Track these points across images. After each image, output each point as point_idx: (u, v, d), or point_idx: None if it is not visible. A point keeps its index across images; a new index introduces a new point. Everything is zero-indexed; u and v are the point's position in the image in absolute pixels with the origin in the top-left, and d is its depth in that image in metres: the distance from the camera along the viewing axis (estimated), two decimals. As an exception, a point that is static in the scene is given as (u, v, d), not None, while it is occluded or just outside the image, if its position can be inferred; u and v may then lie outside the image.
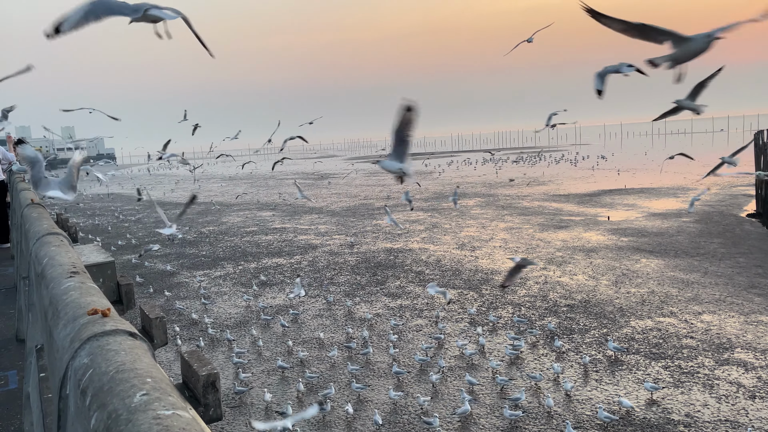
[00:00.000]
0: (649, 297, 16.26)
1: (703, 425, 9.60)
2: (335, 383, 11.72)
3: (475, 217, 31.44)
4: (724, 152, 38.31)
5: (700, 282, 17.41)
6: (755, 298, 15.75)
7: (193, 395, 3.44)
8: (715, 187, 38.33)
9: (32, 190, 9.22)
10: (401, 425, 10.14)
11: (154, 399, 1.30)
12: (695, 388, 10.87)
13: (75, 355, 1.69)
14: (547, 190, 41.65)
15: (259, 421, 5.09)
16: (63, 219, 11.48)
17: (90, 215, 41.63)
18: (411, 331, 14.65)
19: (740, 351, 12.39)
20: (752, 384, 10.91)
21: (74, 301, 2.21)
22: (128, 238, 29.83)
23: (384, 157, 3.77)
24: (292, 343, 14.00)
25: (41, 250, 3.77)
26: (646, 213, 29.86)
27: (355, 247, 24.90)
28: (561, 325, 14.34)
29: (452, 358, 12.86)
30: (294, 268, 21.85)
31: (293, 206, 40.60)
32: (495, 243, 24.36)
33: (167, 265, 23.40)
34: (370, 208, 36.96)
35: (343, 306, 16.75)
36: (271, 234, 29.71)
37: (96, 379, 1.48)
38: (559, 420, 9.95)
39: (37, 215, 6.09)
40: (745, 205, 31.01)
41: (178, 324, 15.86)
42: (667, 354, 12.45)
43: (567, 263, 20.41)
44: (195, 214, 39.07)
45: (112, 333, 1.75)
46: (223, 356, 13.59)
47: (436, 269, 20.48)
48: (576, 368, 11.98)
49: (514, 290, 17.50)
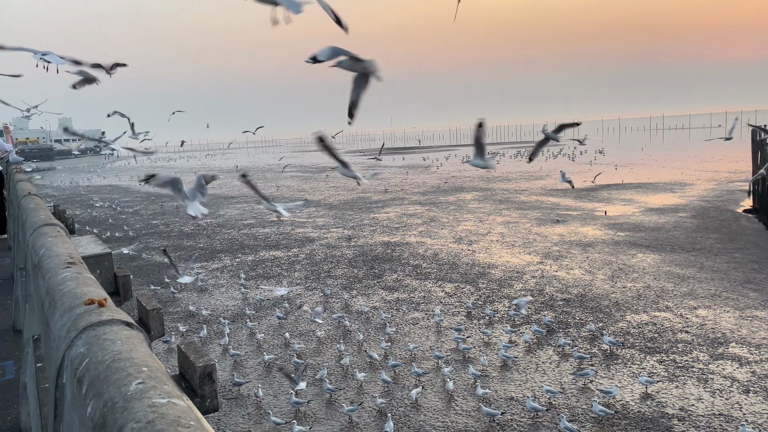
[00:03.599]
0: (645, 291, 16.32)
1: (697, 419, 9.67)
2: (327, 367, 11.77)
3: (473, 211, 31.47)
4: (722, 148, 38.64)
5: (696, 277, 17.48)
6: (750, 293, 15.83)
7: (189, 386, 3.45)
8: (712, 182, 38.41)
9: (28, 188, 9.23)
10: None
11: (149, 387, 1.32)
12: (690, 383, 10.94)
13: (71, 345, 1.70)
14: (545, 184, 41.68)
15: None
16: (60, 210, 11.46)
17: (88, 206, 41.56)
18: (407, 324, 14.69)
19: (735, 346, 12.46)
20: (746, 378, 10.98)
21: (71, 291, 2.22)
22: (125, 230, 29.80)
23: (470, 157, 4.78)
24: (289, 336, 14.04)
25: (38, 241, 3.77)
26: (642, 208, 29.92)
27: (353, 241, 24.92)
28: (557, 319, 14.39)
29: (449, 350, 12.91)
30: (291, 261, 21.87)
31: (291, 199, 40.56)
32: (492, 237, 24.40)
33: (164, 257, 23.39)
34: (368, 202, 36.95)
35: (341, 299, 16.78)
36: (269, 227, 29.71)
37: (92, 368, 1.49)
38: (554, 413, 10.00)
39: (34, 206, 6.09)
40: (742, 200, 31.08)
41: (174, 315, 15.88)
42: (662, 348, 12.52)
43: (563, 257, 20.46)
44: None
45: (108, 323, 1.76)
46: (220, 348, 13.62)
47: (433, 263, 20.52)
48: (572, 362, 12.03)
49: (510, 284, 17.55)
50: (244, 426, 10.21)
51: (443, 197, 36.64)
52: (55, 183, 64.31)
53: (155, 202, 42.52)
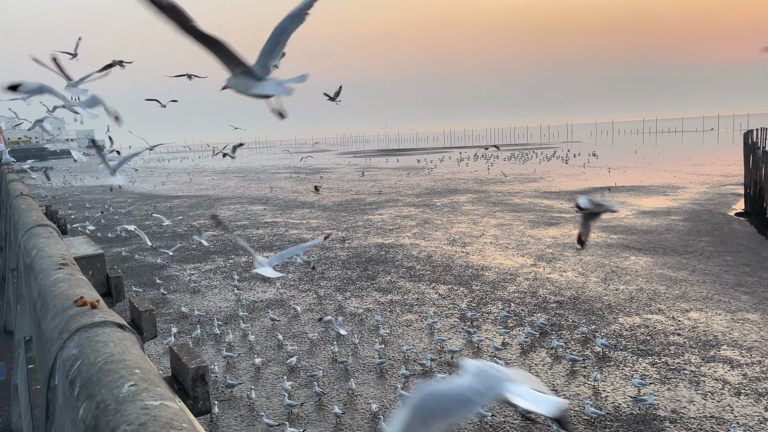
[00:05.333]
0: (638, 294, 16.39)
1: (689, 421, 9.71)
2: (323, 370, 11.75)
3: (467, 213, 31.51)
4: (714, 151, 38.83)
5: (688, 280, 17.57)
6: (742, 296, 15.92)
7: (182, 388, 3.44)
8: (704, 186, 38.62)
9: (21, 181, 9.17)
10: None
11: (142, 390, 1.31)
12: (681, 385, 10.99)
13: (63, 346, 1.69)
14: (538, 186, 41.80)
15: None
16: (52, 211, 11.39)
17: (80, 207, 41.34)
18: (401, 326, 14.69)
19: (726, 348, 12.53)
20: (738, 381, 11.04)
21: (63, 292, 2.21)
22: (117, 231, 29.65)
23: None
24: (282, 337, 14.01)
25: (30, 242, 3.75)
26: (635, 211, 30.05)
27: (347, 242, 24.91)
28: (550, 321, 14.43)
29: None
30: (285, 262, 21.82)
31: (285, 200, 40.52)
32: (486, 239, 24.44)
33: (157, 258, 23.31)
34: (362, 204, 36.94)
35: (334, 300, 16.76)
36: (263, 228, 29.65)
37: (84, 369, 1.48)
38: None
39: (26, 206, 6.06)
40: (734, 204, 31.27)
41: (167, 317, 15.82)
42: (655, 351, 12.57)
43: (557, 260, 20.52)
44: (186, 207, 38.91)
45: (101, 324, 1.75)
46: (213, 350, 13.58)
47: (427, 265, 20.53)
48: (564, 364, 12.06)
49: (503, 286, 17.58)
50: (236, 428, 10.17)
51: (437, 199, 36.68)
52: (48, 183, 63.92)
53: (148, 203, 42.37)
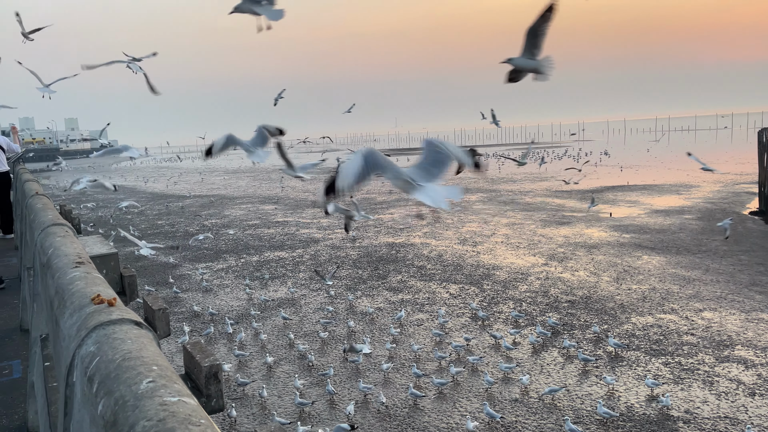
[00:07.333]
0: (650, 294, 16.27)
1: (703, 422, 9.63)
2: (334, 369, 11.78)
3: (477, 212, 31.44)
4: (728, 149, 38.61)
5: (702, 279, 17.41)
6: (756, 295, 15.76)
7: (195, 386, 3.47)
8: (718, 184, 38.26)
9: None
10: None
11: (160, 386, 1.33)
12: (695, 385, 10.90)
13: (82, 343, 1.72)
14: (550, 186, 41.61)
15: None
16: (66, 211, 11.52)
17: (93, 208, 41.71)
18: (412, 325, 14.69)
19: (741, 348, 12.41)
20: (752, 381, 10.93)
21: (80, 290, 2.24)
22: (131, 231, 29.88)
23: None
24: (294, 336, 14.06)
25: (46, 241, 3.80)
26: (648, 210, 29.83)
27: (357, 242, 24.94)
28: (562, 321, 14.37)
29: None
30: (296, 261, 21.89)
31: (296, 200, 40.64)
32: (497, 238, 24.37)
33: (169, 257, 23.48)
34: (373, 203, 36.96)
35: (345, 299, 16.80)
36: (274, 227, 29.76)
37: (103, 366, 1.50)
38: (559, 415, 9.99)
39: (42, 206, 6.12)
40: (748, 202, 30.96)
41: (180, 315, 15.93)
42: (668, 351, 12.48)
43: (569, 259, 20.42)
44: (197, 207, 39.14)
45: (118, 322, 1.77)
46: (225, 348, 13.65)
47: (438, 264, 20.51)
48: (576, 364, 12.01)
49: (515, 286, 17.53)
50: (248, 426, 10.23)
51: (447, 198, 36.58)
52: (61, 183, 64.57)
53: (160, 203, 42.66)
